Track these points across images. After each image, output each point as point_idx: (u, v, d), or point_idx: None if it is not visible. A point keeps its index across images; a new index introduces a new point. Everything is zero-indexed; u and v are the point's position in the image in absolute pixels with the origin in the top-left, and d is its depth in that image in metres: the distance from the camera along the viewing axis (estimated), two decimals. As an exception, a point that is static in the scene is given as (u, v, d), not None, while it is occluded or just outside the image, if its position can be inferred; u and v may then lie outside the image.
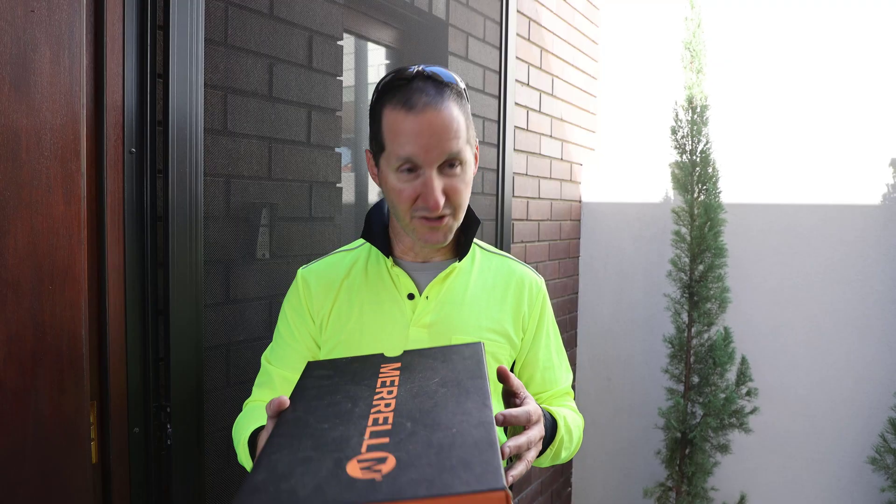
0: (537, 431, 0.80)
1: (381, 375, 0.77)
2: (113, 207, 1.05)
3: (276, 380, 1.04)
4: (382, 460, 0.57)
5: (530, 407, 0.80)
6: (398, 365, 0.80)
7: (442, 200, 0.88)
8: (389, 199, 0.94)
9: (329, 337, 1.01)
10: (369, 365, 0.81)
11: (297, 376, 1.00)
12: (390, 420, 0.65)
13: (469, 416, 0.64)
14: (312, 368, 0.83)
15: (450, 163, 0.89)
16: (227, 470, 1.28)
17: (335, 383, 0.76)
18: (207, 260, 1.21)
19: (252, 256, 1.33)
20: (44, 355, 0.95)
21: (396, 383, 0.74)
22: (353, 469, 0.56)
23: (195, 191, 1.15)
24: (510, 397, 0.83)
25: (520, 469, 0.77)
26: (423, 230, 0.92)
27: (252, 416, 0.97)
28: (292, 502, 0.53)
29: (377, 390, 0.72)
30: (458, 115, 0.89)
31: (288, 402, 0.71)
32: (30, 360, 0.93)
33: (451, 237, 0.95)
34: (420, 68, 0.90)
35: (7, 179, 0.89)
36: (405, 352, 0.84)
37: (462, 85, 0.93)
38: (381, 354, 0.85)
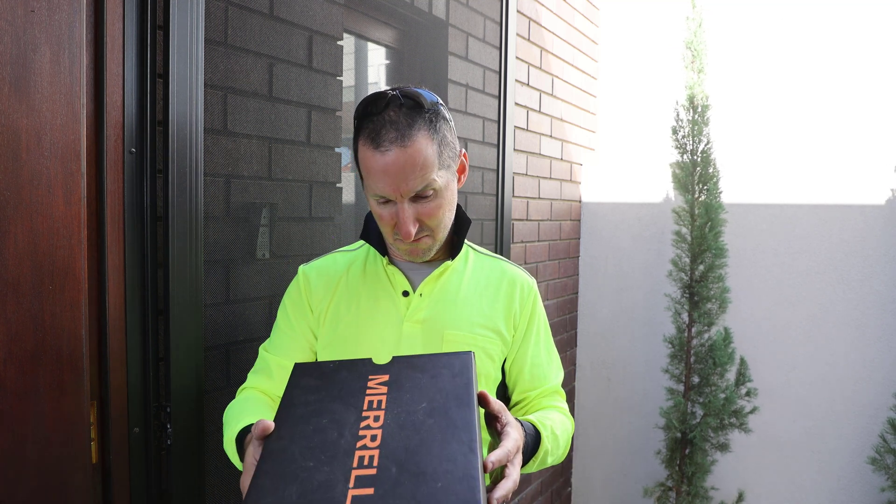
0: (515, 473, 0.79)
1: (368, 393, 0.77)
2: (113, 207, 1.05)
3: (273, 368, 1.06)
4: None
5: (509, 444, 0.79)
6: (386, 378, 0.80)
7: (414, 229, 0.92)
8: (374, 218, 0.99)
9: (327, 332, 1.05)
10: (356, 375, 0.81)
11: None
12: (375, 461, 0.66)
13: (454, 464, 0.65)
14: (299, 376, 0.82)
15: (420, 194, 0.91)
16: (227, 470, 1.28)
17: (321, 399, 0.77)
18: (207, 260, 1.21)
19: (252, 256, 1.33)
20: (44, 355, 0.95)
21: (384, 405, 0.74)
22: None
23: (195, 191, 1.15)
24: (493, 420, 0.84)
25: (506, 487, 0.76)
26: (404, 249, 0.99)
27: (244, 409, 0.98)
28: None
29: (364, 414, 0.73)
30: (425, 147, 0.89)
31: (272, 427, 0.74)
32: (30, 360, 0.93)
33: (433, 251, 1.00)
34: (395, 93, 0.89)
35: (7, 179, 0.89)
36: (394, 358, 0.84)
37: (440, 104, 0.93)
38: (370, 360, 0.84)
